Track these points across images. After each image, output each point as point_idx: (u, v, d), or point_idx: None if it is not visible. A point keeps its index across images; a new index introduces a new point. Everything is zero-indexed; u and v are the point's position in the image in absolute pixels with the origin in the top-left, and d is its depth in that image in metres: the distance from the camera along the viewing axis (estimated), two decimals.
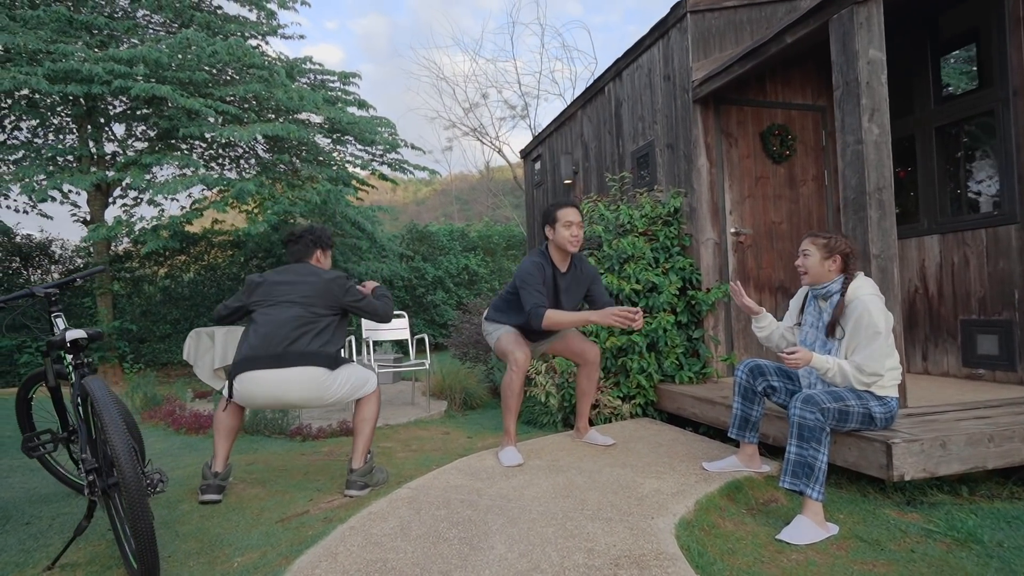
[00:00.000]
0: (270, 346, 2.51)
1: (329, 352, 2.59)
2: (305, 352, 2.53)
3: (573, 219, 3.06)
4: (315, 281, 2.69)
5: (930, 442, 2.33)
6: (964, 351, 3.85)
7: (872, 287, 2.40)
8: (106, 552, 2.08)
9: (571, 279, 3.18)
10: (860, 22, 2.91)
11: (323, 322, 2.63)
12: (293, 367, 2.50)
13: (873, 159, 2.90)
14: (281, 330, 2.54)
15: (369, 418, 2.75)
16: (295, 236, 2.90)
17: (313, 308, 2.63)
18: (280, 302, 2.62)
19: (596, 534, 2.06)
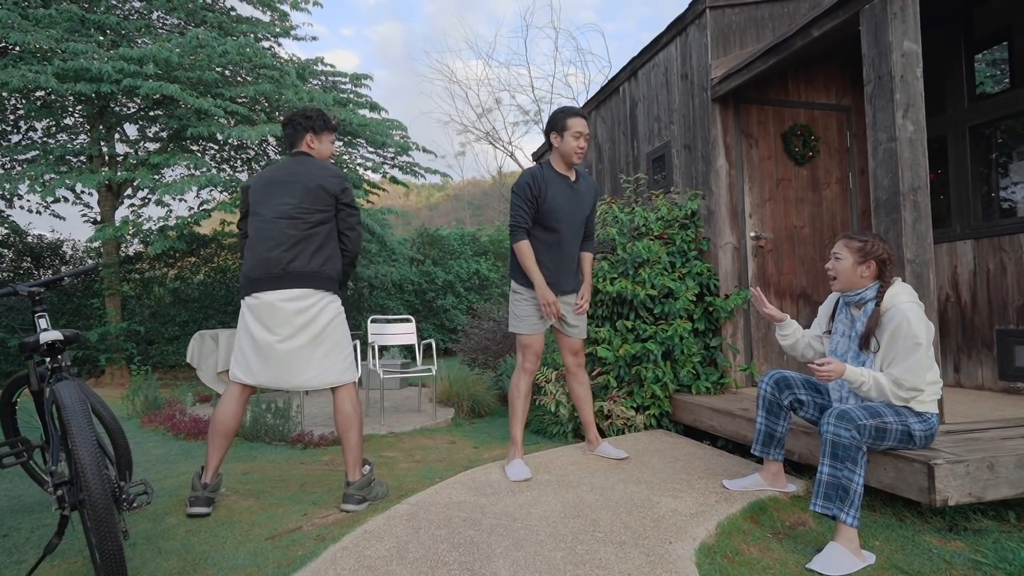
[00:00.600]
0: (269, 266, 2.44)
1: (329, 272, 2.51)
2: (305, 272, 2.45)
3: (583, 130, 2.94)
4: (306, 180, 2.51)
5: (976, 463, 2.14)
6: (1000, 363, 3.62)
7: (911, 295, 2.21)
8: (82, 570, 1.95)
9: (582, 186, 3.07)
10: (895, 12, 2.73)
11: (319, 235, 2.50)
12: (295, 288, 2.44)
13: (908, 158, 2.71)
14: (276, 249, 2.45)
15: (351, 425, 2.56)
16: (285, 121, 2.71)
17: (305, 217, 2.49)
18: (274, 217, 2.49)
19: (609, 560, 1.89)
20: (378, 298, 10.19)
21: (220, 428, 2.55)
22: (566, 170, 3.04)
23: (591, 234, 3.20)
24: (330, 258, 2.54)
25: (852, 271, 2.25)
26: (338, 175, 2.59)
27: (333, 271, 2.55)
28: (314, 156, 2.68)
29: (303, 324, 2.48)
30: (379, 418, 4.80)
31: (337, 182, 2.56)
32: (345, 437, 2.55)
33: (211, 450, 2.54)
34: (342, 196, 2.56)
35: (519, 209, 2.94)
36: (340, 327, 2.59)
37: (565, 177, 3.02)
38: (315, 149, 2.69)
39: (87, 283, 8.52)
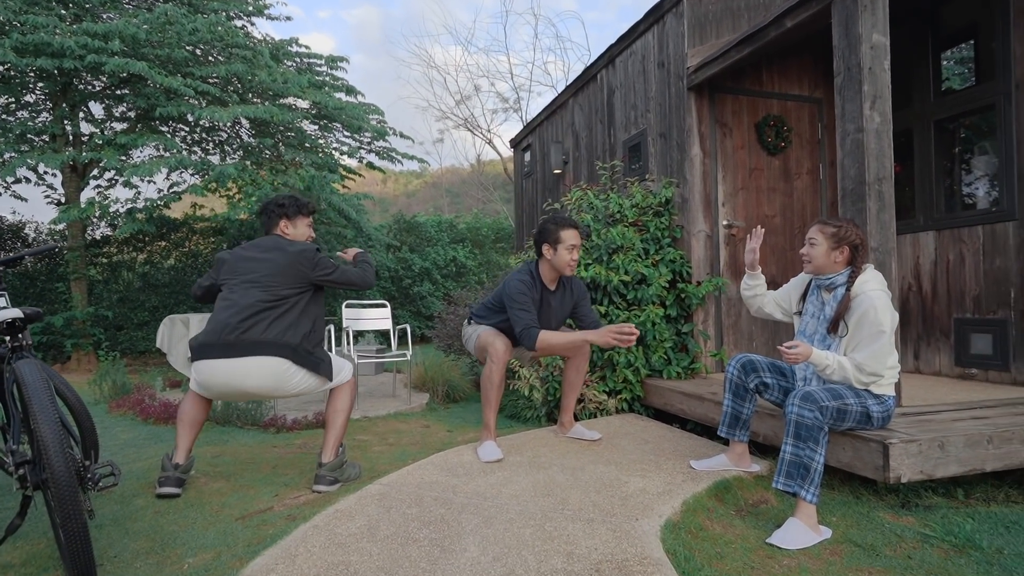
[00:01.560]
0: (223, 333, 2.34)
1: (290, 341, 2.38)
2: (260, 341, 2.33)
3: (576, 242, 2.93)
4: (277, 258, 2.51)
5: (928, 443, 2.23)
6: (957, 350, 3.76)
7: (880, 282, 2.29)
8: (45, 552, 1.92)
9: (560, 298, 3.07)
10: (864, 4, 2.79)
11: (285, 305, 2.44)
12: (246, 357, 2.32)
13: (874, 148, 2.79)
14: (236, 316, 2.36)
15: (342, 409, 2.60)
16: (261, 207, 2.74)
17: (275, 289, 2.44)
18: (242, 283, 2.45)
19: (577, 536, 1.93)
20: None
21: (187, 418, 2.54)
22: (550, 280, 3.03)
23: (595, 324, 3.10)
24: (291, 326, 2.42)
25: (826, 256, 2.32)
26: (308, 247, 2.58)
27: (295, 339, 2.41)
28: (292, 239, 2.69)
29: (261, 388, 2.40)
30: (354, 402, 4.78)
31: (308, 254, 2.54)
32: (332, 422, 2.59)
33: (180, 434, 2.52)
34: (313, 273, 2.53)
35: (524, 312, 2.85)
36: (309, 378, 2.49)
37: (545, 287, 3.01)
38: (289, 234, 2.71)
39: (51, 267, 8.28)
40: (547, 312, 3.05)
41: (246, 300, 2.40)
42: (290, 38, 8.34)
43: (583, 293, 3.15)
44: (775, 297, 2.64)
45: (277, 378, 2.37)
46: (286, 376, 2.39)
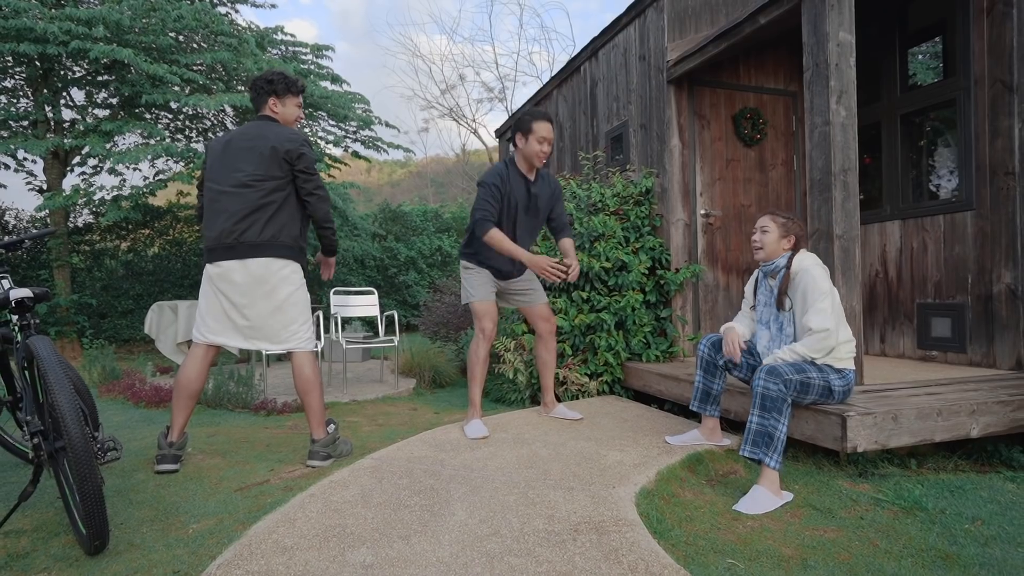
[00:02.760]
0: (222, 237, 2.49)
1: (284, 241, 2.54)
2: (257, 243, 2.49)
3: (546, 135, 3.02)
4: (262, 147, 2.51)
5: (883, 415, 2.40)
6: (919, 334, 3.97)
7: (814, 259, 2.48)
8: (54, 519, 2.02)
9: (540, 189, 3.16)
10: (832, 3, 2.93)
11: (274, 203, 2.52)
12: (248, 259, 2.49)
13: (840, 141, 2.94)
14: (230, 221, 2.49)
15: (310, 389, 2.62)
16: (250, 85, 2.70)
17: (261, 183, 2.50)
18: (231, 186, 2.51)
19: (557, 502, 2.07)
20: (339, 273, 10.15)
21: (184, 389, 2.59)
22: (527, 171, 3.12)
23: (565, 225, 3.28)
24: (285, 226, 2.54)
25: (776, 243, 2.49)
26: (295, 138, 2.55)
27: (289, 239, 2.56)
28: (278, 120, 2.67)
29: (262, 294, 2.54)
30: (342, 388, 4.89)
31: (293, 145, 2.52)
32: (306, 400, 2.62)
33: (176, 410, 2.59)
34: (297, 162, 2.53)
35: (487, 203, 2.98)
36: (300, 297, 2.63)
37: (525, 178, 3.11)
38: (279, 113, 2.67)
39: (33, 254, 8.23)
40: (529, 202, 3.11)
41: (236, 205, 2.49)
42: (275, 26, 8.33)
43: (558, 192, 3.27)
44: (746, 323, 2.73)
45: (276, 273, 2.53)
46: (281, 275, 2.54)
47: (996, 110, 3.49)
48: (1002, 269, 3.46)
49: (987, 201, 3.55)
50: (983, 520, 2.07)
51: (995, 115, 3.50)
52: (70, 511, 1.84)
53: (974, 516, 2.11)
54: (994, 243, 3.50)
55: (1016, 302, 3.38)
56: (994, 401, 2.59)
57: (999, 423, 2.60)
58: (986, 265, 3.54)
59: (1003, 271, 3.45)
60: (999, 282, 3.47)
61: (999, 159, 3.47)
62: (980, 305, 3.58)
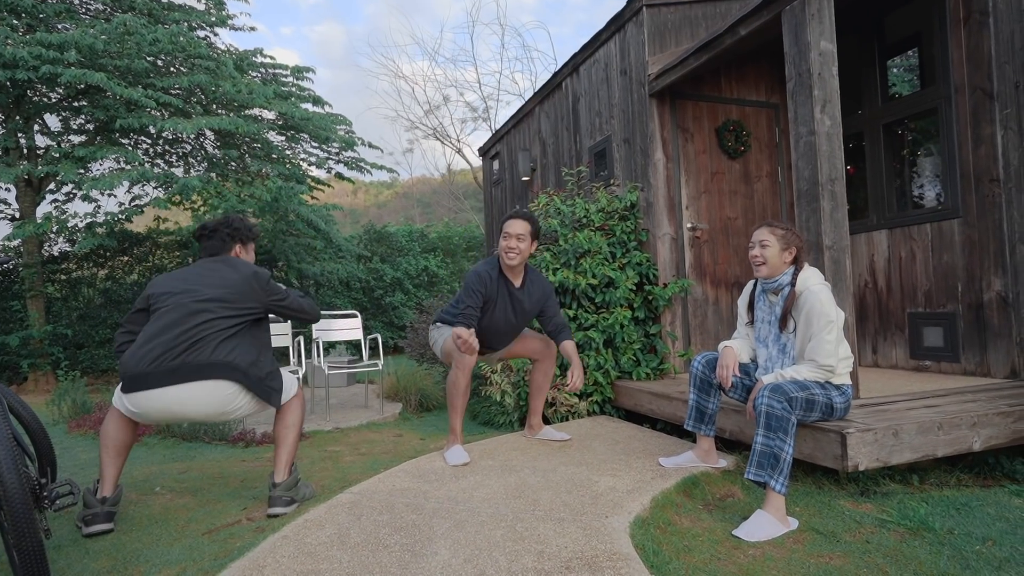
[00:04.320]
0: (163, 359, 2.11)
1: (240, 363, 2.20)
2: (209, 363, 2.14)
3: (510, 231, 2.95)
4: (228, 274, 2.32)
5: (883, 431, 2.31)
6: (911, 344, 3.91)
7: (820, 277, 2.38)
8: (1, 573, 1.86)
9: (527, 294, 3.09)
10: (812, 13, 2.91)
11: (235, 326, 2.24)
12: (193, 382, 2.13)
13: (825, 150, 2.90)
14: (178, 337, 2.14)
15: (292, 424, 2.41)
16: (208, 230, 2.49)
17: (224, 309, 2.24)
18: (183, 301, 2.22)
19: (547, 535, 1.95)
20: (325, 296, 9.99)
21: (111, 443, 2.25)
22: (513, 275, 3.05)
23: (562, 326, 3.15)
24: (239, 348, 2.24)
25: (778, 257, 2.39)
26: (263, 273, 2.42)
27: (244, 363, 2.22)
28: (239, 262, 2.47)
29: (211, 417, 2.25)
30: (325, 415, 4.73)
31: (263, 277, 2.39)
32: (283, 435, 2.39)
33: (105, 462, 2.25)
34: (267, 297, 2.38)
35: (471, 298, 2.92)
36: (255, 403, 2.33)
37: (509, 282, 3.03)
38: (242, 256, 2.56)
39: (6, 284, 7.99)
40: (516, 306, 3.06)
41: (190, 318, 2.19)
42: (255, 49, 8.27)
43: (549, 293, 3.18)
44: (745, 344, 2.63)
45: (223, 403, 2.20)
46: (233, 400, 2.22)
47: (978, 118, 3.48)
48: (992, 276, 3.42)
49: (973, 208, 3.52)
50: (994, 540, 1.98)
51: (977, 123, 3.49)
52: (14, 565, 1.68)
53: (984, 536, 2.01)
54: (982, 250, 3.47)
55: (1008, 309, 3.34)
56: (995, 412, 2.51)
57: (1001, 435, 2.52)
58: (975, 273, 3.50)
59: (993, 278, 3.41)
60: (989, 290, 3.43)
61: (983, 166, 3.45)
62: (971, 313, 3.53)
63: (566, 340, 3.11)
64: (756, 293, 2.55)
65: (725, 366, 2.43)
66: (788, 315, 2.35)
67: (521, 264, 3.02)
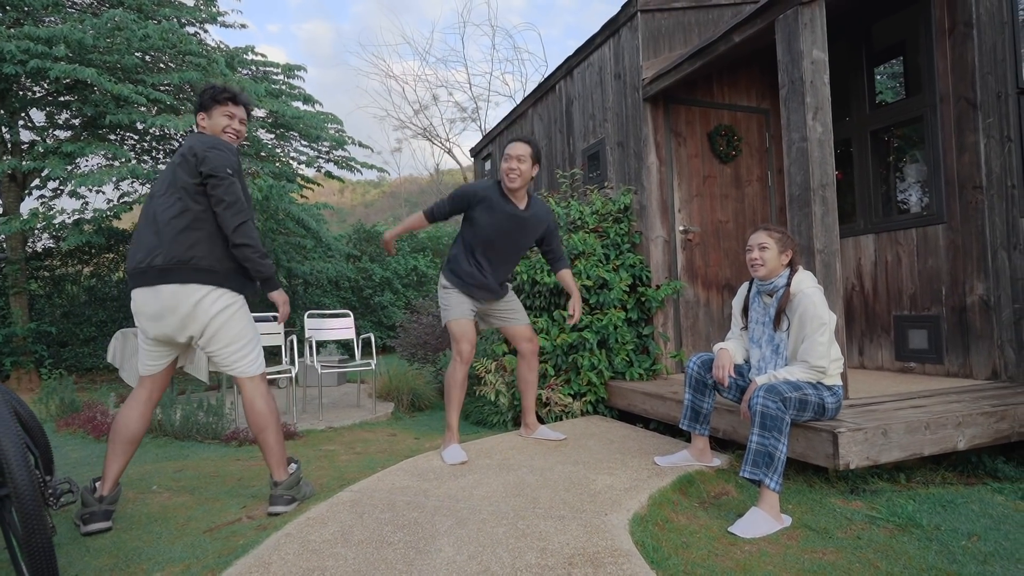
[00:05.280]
0: (132, 262, 2.15)
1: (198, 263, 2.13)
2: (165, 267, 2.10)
3: (511, 152, 2.97)
4: (175, 160, 2.21)
5: (873, 431, 2.38)
6: (897, 345, 4.00)
7: (813, 280, 2.44)
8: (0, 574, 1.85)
9: (529, 215, 3.07)
10: (804, 22, 2.98)
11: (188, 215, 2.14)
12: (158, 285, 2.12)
13: (817, 156, 2.97)
14: (136, 244, 2.16)
15: (265, 424, 2.31)
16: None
17: (174, 195, 2.14)
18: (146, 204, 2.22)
19: (549, 533, 1.98)
20: (313, 295, 9.95)
21: (122, 433, 2.25)
22: (517, 198, 3.04)
23: (561, 256, 3.22)
24: (196, 244, 2.15)
25: (776, 259, 2.44)
26: (206, 141, 2.21)
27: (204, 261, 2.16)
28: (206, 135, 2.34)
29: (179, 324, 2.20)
30: (317, 414, 4.72)
31: (200, 148, 2.17)
32: (261, 438, 2.31)
33: (111, 457, 2.24)
34: (202, 164, 2.16)
35: (446, 199, 3.04)
36: (232, 322, 2.26)
37: (510, 202, 3.02)
38: (206, 128, 2.37)
39: None
40: (518, 224, 3.04)
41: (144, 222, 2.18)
42: (246, 46, 8.21)
43: (551, 219, 3.18)
44: (740, 345, 2.67)
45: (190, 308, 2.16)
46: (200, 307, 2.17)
47: (962, 126, 3.58)
48: (974, 281, 3.52)
49: (957, 214, 3.61)
50: (979, 536, 2.05)
51: (961, 131, 3.58)
52: (16, 563, 1.68)
53: (969, 532, 2.08)
54: (966, 255, 3.56)
55: (989, 313, 3.43)
56: (978, 412, 2.60)
57: (984, 435, 2.60)
58: (959, 277, 3.60)
59: (975, 283, 3.51)
60: (972, 294, 3.53)
61: (967, 173, 3.55)
62: (955, 316, 3.63)
63: (564, 269, 3.19)
64: (751, 295, 2.61)
65: (721, 367, 2.48)
66: (782, 314, 2.40)
67: (523, 187, 3.00)
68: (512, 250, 3.11)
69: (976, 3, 3.51)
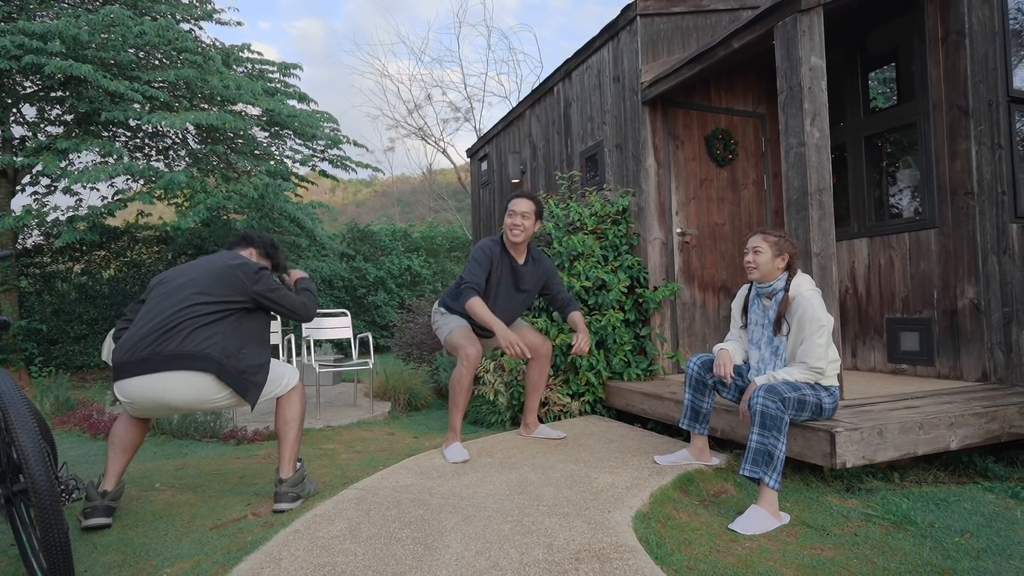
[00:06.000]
0: (136, 349, 2.10)
1: (212, 354, 2.12)
2: (176, 354, 2.09)
3: (516, 208, 3.08)
4: (209, 265, 2.31)
5: (869, 430, 2.43)
6: (889, 348, 4.08)
7: (811, 283, 2.50)
8: (8, 570, 1.85)
9: (528, 270, 3.20)
10: (803, 30, 3.03)
11: (212, 314, 2.19)
12: (162, 372, 2.09)
13: (814, 161, 3.02)
14: (148, 326, 2.13)
15: (292, 419, 2.39)
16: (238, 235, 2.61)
17: (202, 296, 2.20)
18: (161, 293, 2.24)
19: (554, 529, 2.01)
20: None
21: (120, 442, 2.26)
22: (517, 253, 3.15)
23: (568, 300, 3.30)
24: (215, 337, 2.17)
25: (771, 263, 2.50)
26: (248, 263, 2.37)
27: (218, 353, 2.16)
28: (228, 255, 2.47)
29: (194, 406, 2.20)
30: (315, 412, 4.72)
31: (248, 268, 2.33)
32: (284, 430, 2.37)
33: (112, 457, 2.26)
34: (253, 286, 2.31)
35: (477, 269, 3.03)
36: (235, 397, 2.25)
37: (511, 258, 3.14)
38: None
39: None
40: (519, 281, 3.14)
41: (161, 308, 2.18)
42: (242, 44, 8.18)
43: (551, 271, 3.30)
44: (740, 347, 2.71)
45: (199, 393, 2.15)
46: (210, 391, 2.16)
47: (954, 133, 3.65)
48: (965, 285, 3.59)
49: (949, 220, 3.69)
50: (971, 533, 2.10)
51: (953, 138, 3.66)
52: (27, 560, 1.69)
53: (962, 529, 2.13)
54: (957, 260, 3.64)
55: (980, 316, 3.51)
56: (970, 413, 2.66)
57: (975, 435, 2.67)
58: (950, 281, 3.67)
59: (966, 287, 3.58)
60: (963, 297, 3.60)
61: (959, 179, 3.63)
62: (946, 319, 3.70)
63: (574, 311, 3.26)
64: (750, 297, 2.65)
65: (723, 364, 2.53)
66: (782, 319, 2.45)
67: (525, 242, 3.14)
68: (512, 302, 3.19)
69: (969, 13, 3.59)
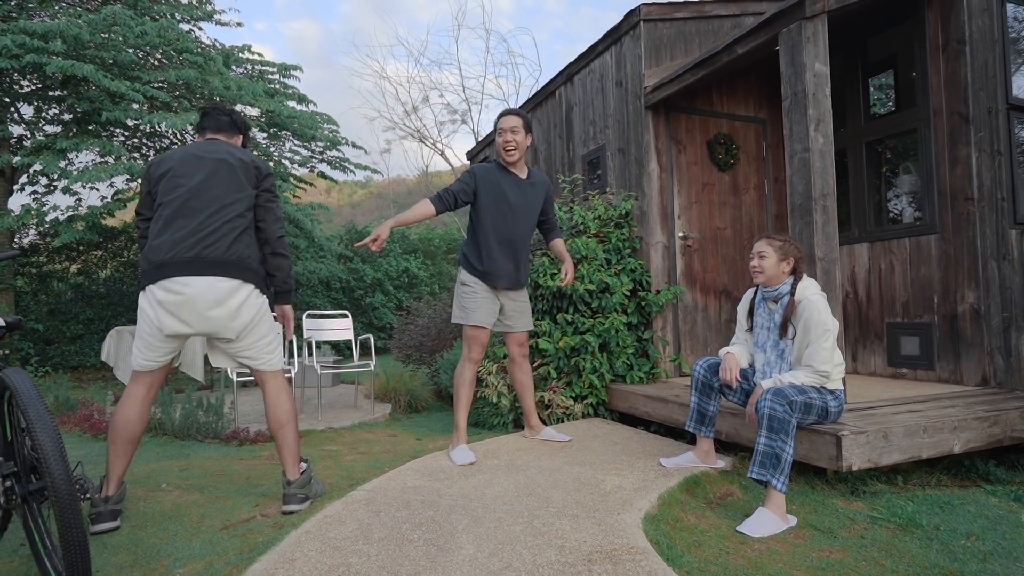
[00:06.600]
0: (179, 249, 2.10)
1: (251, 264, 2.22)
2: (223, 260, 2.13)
3: (504, 126, 3.07)
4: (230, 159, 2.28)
5: (874, 434, 2.45)
6: (889, 352, 4.11)
7: (817, 287, 2.52)
8: (20, 570, 1.84)
9: (532, 184, 3.18)
10: (807, 36, 3.06)
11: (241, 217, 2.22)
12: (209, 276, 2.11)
13: (819, 167, 3.05)
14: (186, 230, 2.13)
15: (286, 422, 2.36)
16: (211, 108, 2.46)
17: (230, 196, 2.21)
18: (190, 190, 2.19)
19: (565, 531, 2.02)
20: (305, 295, 9.90)
21: (123, 433, 2.23)
22: (513, 168, 3.16)
23: (555, 226, 3.40)
24: (251, 245, 2.28)
25: (776, 267, 2.52)
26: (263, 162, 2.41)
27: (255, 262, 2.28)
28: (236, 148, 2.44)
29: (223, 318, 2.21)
30: (316, 414, 4.72)
31: (262, 163, 2.37)
32: (280, 434, 2.35)
33: (113, 458, 2.23)
34: (265, 181, 2.36)
35: (456, 185, 3.05)
36: (265, 320, 2.35)
37: (515, 175, 3.15)
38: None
39: None
40: (525, 192, 3.14)
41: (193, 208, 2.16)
42: (242, 45, 8.18)
43: (549, 187, 3.30)
44: (745, 350, 2.74)
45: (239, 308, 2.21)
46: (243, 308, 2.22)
47: (955, 140, 3.69)
48: (965, 290, 3.63)
49: (949, 225, 3.73)
50: (977, 535, 2.12)
51: (954, 144, 3.70)
52: (39, 559, 1.68)
53: (968, 531, 2.16)
54: (957, 265, 3.67)
55: (980, 321, 3.54)
56: (972, 417, 2.69)
57: (978, 439, 2.69)
58: (950, 286, 3.71)
59: (967, 292, 3.62)
60: (963, 302, 3.64)
61: (959, 185, 3.67)
62: (946, 324, 3.74)
63: (557, 239, 3.37)
64: (756, 301, 2.67)
65: (729, 368, 2.55)
66: (788, 323, 2.48)
67: (521, 158, 3.14)
68: (524, 222, 3.17)
69: (969, 21, 3.64)
